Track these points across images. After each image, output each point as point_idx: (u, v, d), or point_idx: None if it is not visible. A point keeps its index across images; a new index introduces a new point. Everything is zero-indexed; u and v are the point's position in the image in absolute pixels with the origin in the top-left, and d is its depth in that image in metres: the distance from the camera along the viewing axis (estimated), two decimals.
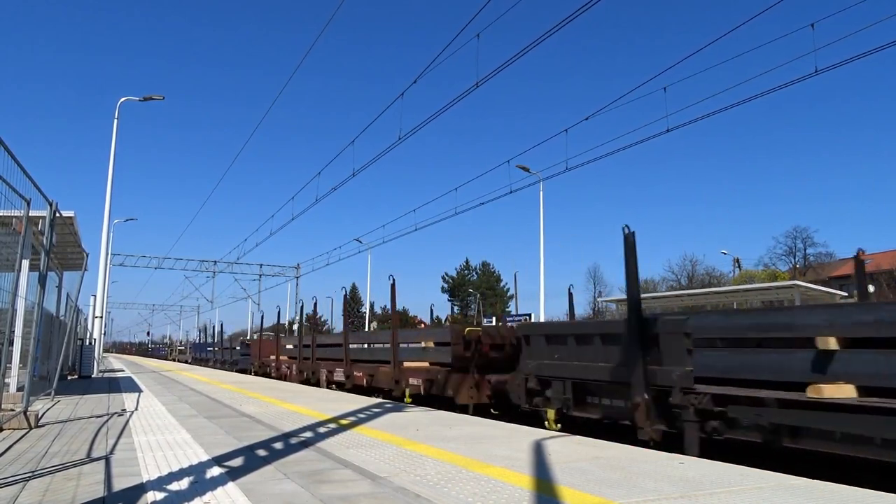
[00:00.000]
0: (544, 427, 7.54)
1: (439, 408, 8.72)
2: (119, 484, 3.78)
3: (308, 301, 17.80)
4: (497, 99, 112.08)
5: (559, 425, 7.69)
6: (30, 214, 6.51)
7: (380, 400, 9.97)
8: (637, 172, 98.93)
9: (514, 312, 52.00)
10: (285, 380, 17.38)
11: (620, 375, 6.63)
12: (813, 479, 3.93)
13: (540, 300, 29.56)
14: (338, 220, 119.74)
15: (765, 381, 5.35)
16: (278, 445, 5.30)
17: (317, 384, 14.89)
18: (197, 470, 4.22)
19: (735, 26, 10.25)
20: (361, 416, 7.51)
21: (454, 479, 3.90)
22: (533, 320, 30.76)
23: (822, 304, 19.13)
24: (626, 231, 6.59)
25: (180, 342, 54.44)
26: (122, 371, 23.19)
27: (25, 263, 7.02)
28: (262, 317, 30.78)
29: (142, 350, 77.27)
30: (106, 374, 20.53)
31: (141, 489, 3.63)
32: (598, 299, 61.52)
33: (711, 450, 5.57)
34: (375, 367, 12.31)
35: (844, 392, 4.72)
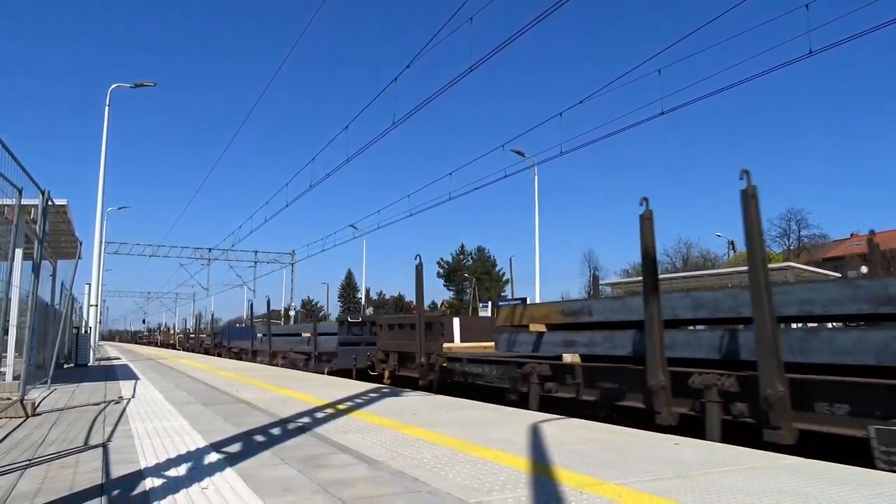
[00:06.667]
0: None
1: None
2: (117, 471, 3.79)
3: (303, 288, 17.90)
4: (491, 83, 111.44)
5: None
6: (22, 203, 6.46)
7: (377, 385, 10.15)
8: (632, 156, 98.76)
9: (509, 297, 52.10)
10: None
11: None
12: (805, 458, 3.98)
13: (535, 284, 29.67)
14: (332, 206, 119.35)
15: None
16: (276, 431, 5.32)
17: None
18: (195, 456, 4.24)
19: (729, 7, 10.19)
20: (359, 401, 7.55)
21: (451, 462, 3.93)
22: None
23: None
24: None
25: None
26: (119, 359, 23.19)
27: (19, 252, 6.99)
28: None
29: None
30: (103, 363, 20.53)
31: (139, 476, 3.64)
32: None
33: None
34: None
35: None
